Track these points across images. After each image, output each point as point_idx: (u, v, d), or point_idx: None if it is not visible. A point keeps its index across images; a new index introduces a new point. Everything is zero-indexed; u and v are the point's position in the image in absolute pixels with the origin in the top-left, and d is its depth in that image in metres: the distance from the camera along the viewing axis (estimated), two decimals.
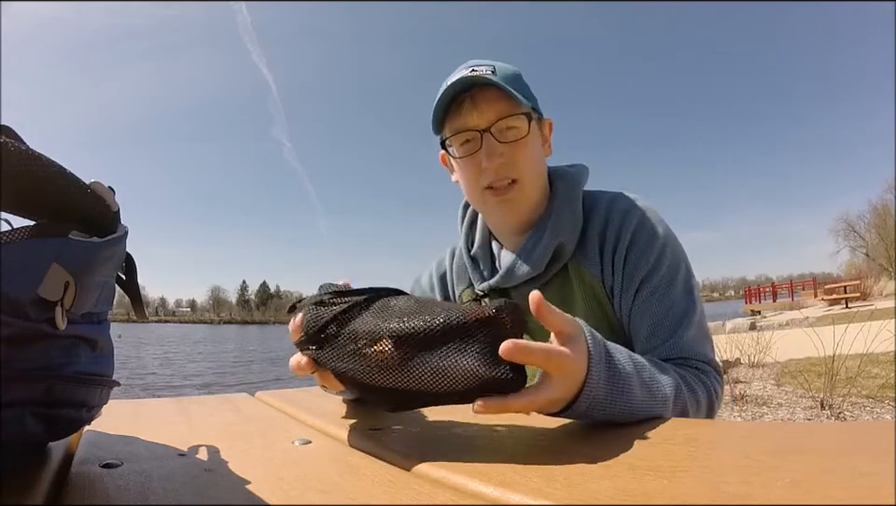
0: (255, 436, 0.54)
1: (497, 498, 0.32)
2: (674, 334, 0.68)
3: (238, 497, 0.34)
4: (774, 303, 21.03)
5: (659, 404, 0.53)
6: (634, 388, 0.50)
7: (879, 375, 3.82)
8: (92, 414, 0.43)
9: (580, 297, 0.76)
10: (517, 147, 0.74)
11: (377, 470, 0.40)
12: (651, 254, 0.72)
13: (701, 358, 0.68)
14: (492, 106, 0.73)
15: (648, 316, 0.71)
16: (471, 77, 0.72)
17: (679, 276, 0.72)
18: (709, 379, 0.66)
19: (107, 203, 0.40)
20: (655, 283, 0.71)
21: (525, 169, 0.76)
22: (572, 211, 0.78)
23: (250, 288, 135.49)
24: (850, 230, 40.48)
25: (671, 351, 0.68)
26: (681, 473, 0.33)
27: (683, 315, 0.70)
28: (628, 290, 0.73)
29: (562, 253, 0.77)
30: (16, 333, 0.31)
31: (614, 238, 0.75)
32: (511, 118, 0.73)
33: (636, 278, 0.72)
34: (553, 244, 0.76)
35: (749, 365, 5.23)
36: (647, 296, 0.71)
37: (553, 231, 0.76)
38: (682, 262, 0.74)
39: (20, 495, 0.32)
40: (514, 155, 0.74)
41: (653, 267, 0.72)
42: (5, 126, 0.37)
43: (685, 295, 0.71)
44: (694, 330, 0.69)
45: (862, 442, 0.39)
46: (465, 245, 0.89)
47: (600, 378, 0.47)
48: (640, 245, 0.73)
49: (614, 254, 0.74)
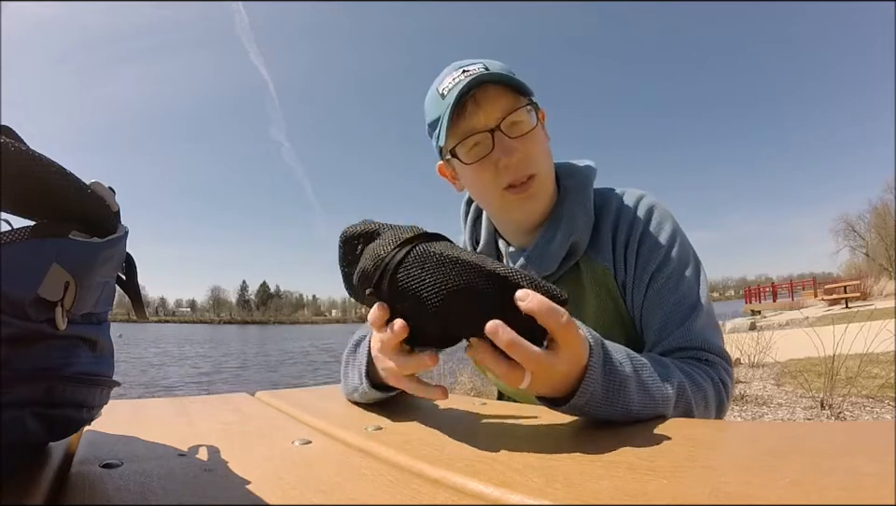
0: (255, 436, 0.54)
1: (497, 498, 0.32)
2: (683, 324, 0.69)
3: (238, 497, 0.34)
4: (774, 303, 21.03)
5: (660, 404, 0.53)
6: (632, 387, 0.50)
7: (879, 375, 3.82)
8: (92, 414, 0.43)
9: (591, 293, 0.77)
10: (528, 140, 0.73)
11: (377, 470, 0.40)
12: (662, 247, 0.73)
13: (711, 349, 0.68)
14: (496, 104, 0.71)
15: (659, 308, 0.71)
16: (470, 79, 0.69)
17: (689, 268, 0.73)
18: (717, 372, 0.66)
19: (107, 203, 0.40)
20: (666, 275, 0.72)
21: (540, 161, 0.75)
22: (585, 210, 0.77)
23: (250, 288, 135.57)
24: (850, 230, 40.50)
25: (682, 341, 0.68)
26: (681, 473, 0.33)
27: (694, 305, 0.70)
28: (640, 284, 0.73)
29: (575, 250, 0.77)
30: (16, 334, 0.31)
31: (626, 232, 0.75)
32: (517, 112, 0.72)
33: (647, 271, 0.73)
34: (567, 243, 0.76)
35: (749, 365, 5.23)
36: (658, 288, 0.72)
37: (567, 230, 0.76)
38: (691, 255, 0.75)
39: (20, 495, 0.32)
40: (529, 149, 0.73)
41: (664, 260, 0.73)
42: (5, 126, 0.37)
43: (695, 286, 0.72)
44: (704, 319, 0.70)
45: (862, 442, 0.39)
46: (469, 243, 0.89)
47: (598, 373, 0.48)
48: (652, 239, 0.74)
49: (626, 248, 0.75)
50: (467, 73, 0.71)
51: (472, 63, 0.73)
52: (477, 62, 0.73)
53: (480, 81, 0.70)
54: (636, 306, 0.74)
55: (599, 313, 0.76)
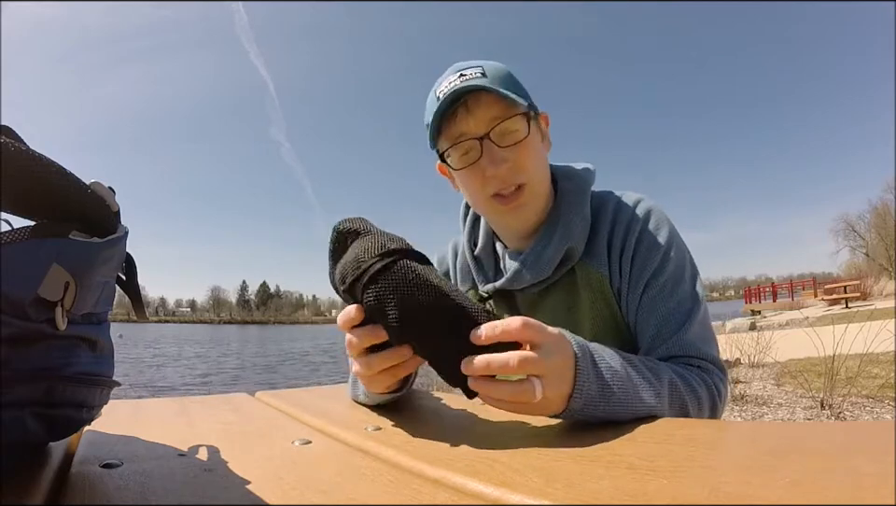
0: (255, 436, 0.54)
1: (497, 498, 0.32)
2: (677, 333, 0.68)
3: (238, 497, 0.34)
4: (774, 303, 21.03)
5: (654, 398, 0.54)
6: (626, 383, 0.51)
7: (879, 375, 3.82)
8: (92, 414, 0.43)
9: (586, 298, 0.76)
10: (519, 149, 0.72)
11: (377, 470, 0.40)
12: (657, 253, 0.72)
13: (704, 357, 0.68)
14: (487, 111, 0.70)
15: (654, 315, 0.71)
16: (462, 86, 0.69)
17: (685, 275, 0.73)
18: (711, 377, 0.66)
19: (107, 203, 0.40)
20: (661, 282, 0.71)
21: (531, 172, 0.73)
22: (582, 215, 0.76)
23: (250, 288, 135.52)
24: (850, 230, 40.51)
25: (675, 349, 0.68)
26: (681, 473, 0.33)
27: (688, 313, 0.70)
28: (635, 290, 0.73)
29: (571, 256, 0.76)
30: (16, 334, 0.31)
31: (622, 238, 0.74)
32: (509, 120, 0.71)
33: (643, 278, 0.72)
34: (563, 249, 0.75)
35: (749, 365, 5.23)
36: (653, 295, 0.71)
37: (563, 236, 0.75)
38: (687, 262, 0.75)
39: (20, 495, 0.32)
40: (518, 159, 0.72)
41: (660, 266, 0.72)
42: (5, 126, 0.37)
43: (691, 294, 0.72)
44: (698, 328, 0.69)
45: (862, 442, 0.39)
46: (468, 245, 0.88)
47: (590, 374, 0.49)
48: (647, 245, 0.73)
49: (622, 254, 0.74)
50: (463, 77, 0.71)
51: (471, 66, 0.72)
52: (476, 65, 0.72)
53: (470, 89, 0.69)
54: (630, 313, 0.74)
55: (594, 318, 0.75)
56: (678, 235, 0.76)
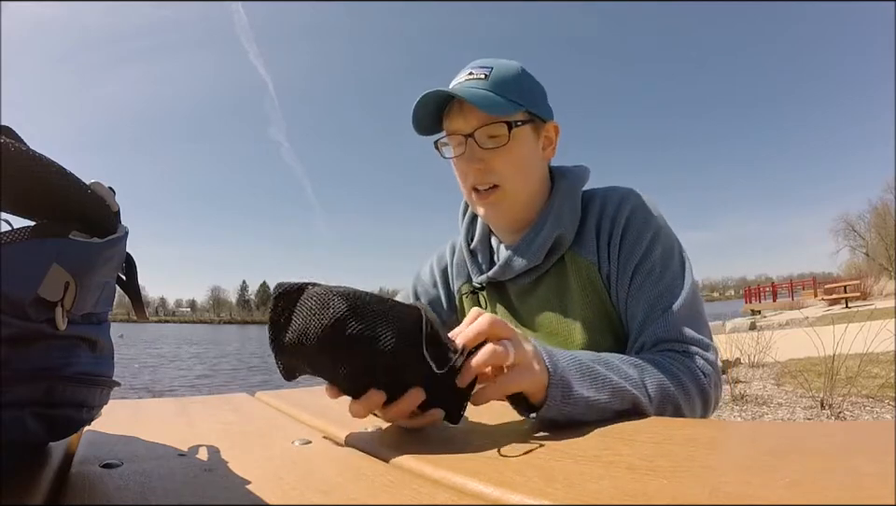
0: (255, 436, 0.54)
1: (497, 498, 0.32)
2: (664, 316, 0.70)
3: (238, 497, 0.34)
4: (774, 303, 21.03)
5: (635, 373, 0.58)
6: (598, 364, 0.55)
7: (879, 375, 3.82)
8: (92, 414, 0.43)
9: (576, 287, 0.78)
10: (497, 154, 0.76)
11: (377, 470, 0.40)
12: (644, 240, 0.74)
13: (691, 340, 0.69)
14: (475, 113, 0.75)
15: (642, 300, 0.72)
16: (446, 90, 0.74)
17: (672, 261, 0.74)
18: (694, 361, 0.67)
19: (108, 203, 0.40)
20: (648, 268, 0.73)
21: (505, 175, 0.77)
22: (572, 206, 0.80)
23: (250, 288, 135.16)
24: (850, 230, 40.50)
25: (662, 333, 0.69)
26: (681, 473, 0.33)
27: (676, 297, 0.71)
28: (624, 277, 0.74)
29: (560, 244, 0.79)
30: (16, 334, 0.31)
31: (609, 226, 0.77)
32: (491, 126, 0.75)
33: (630, 264, 0.74)
34: (553, 236, 0.78)
35: (749, 365, 5.23)
36: (641, 281, 0.73)
37: (554, 225, 0.78)
38: (675, 248, 0.76)
39: (20, 495, 0.32)
40: (493, 162, 0.76)
41: (647, 251, 0.74)
42: (5, 126, 0.37)
43: (678, 279, 0.73)
44: (686, 311, 0.70)
45: (862, 442, 0.39)
46: (465, 239, 0.91)
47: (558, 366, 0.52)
48: (634, 232, 0.75)
49: (609, 241, 0.76)
50: (470, 76, 0.76)
51: (483, 66, 0.77)
52: (487, 65, 0.77)
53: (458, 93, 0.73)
54: (620, 300, 0.75)
55: (585, 307, 0.77)
56: (665, 223, 0.78)
